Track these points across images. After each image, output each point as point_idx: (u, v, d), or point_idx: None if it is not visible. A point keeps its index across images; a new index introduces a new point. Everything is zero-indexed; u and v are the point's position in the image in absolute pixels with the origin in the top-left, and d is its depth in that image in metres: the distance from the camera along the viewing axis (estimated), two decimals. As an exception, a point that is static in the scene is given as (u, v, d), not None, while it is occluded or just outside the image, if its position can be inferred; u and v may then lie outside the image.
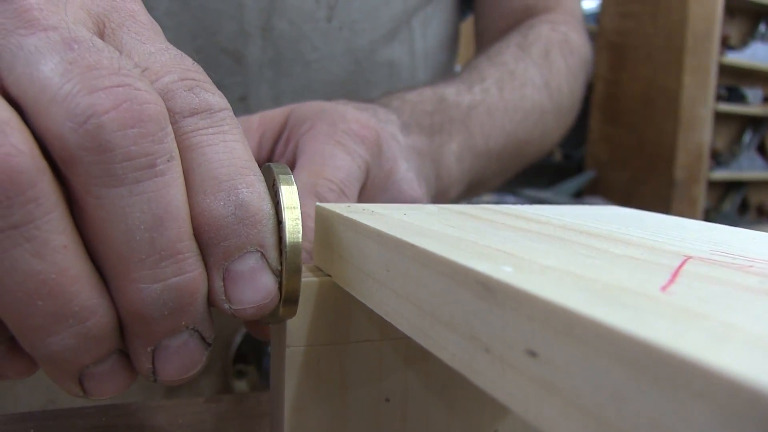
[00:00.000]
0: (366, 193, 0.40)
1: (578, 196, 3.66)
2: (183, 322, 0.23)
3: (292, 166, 0.38)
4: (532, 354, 0.14)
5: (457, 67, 0.81)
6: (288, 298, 0.24)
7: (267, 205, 0.24)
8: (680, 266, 0.19)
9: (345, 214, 0.26)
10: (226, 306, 0.24)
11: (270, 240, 0.24)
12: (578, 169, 4.12)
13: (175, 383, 0.24)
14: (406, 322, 0.21)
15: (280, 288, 0.24)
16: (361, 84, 0.64)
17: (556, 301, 0.14)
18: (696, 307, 0.14)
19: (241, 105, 0.60)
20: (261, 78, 0.60)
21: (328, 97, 0.62)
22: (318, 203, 0.29)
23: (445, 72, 0.74)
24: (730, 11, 2.83)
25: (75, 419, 0.33)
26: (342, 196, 0.36)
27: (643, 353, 0.11)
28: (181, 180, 0.22)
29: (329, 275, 0.28)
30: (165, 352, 0.24)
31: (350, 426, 0.28)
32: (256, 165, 0.25)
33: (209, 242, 0.23)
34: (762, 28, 3.07)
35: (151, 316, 0.22)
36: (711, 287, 0.16)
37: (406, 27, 0.66)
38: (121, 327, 0.23)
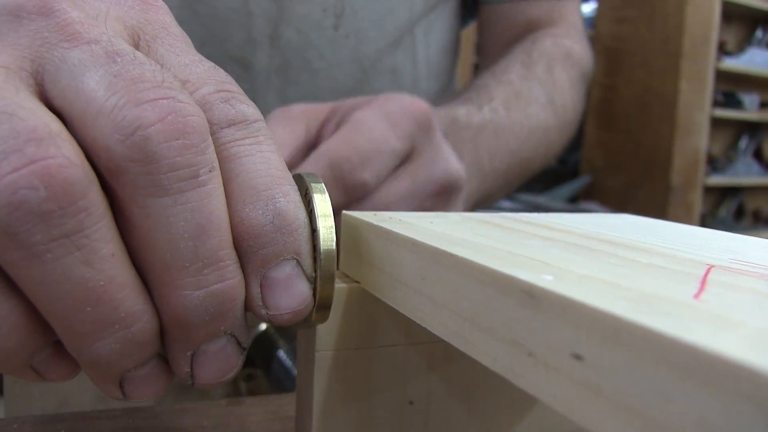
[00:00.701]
0: (412, 166, 0.42)
1: (574, 201, 3.67)
2: (222, 328, 0.24)
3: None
4: (578, 358, 0.15)
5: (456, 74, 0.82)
6: (321, 304, 0.25)
7: (302, 214, 0.25)
8: (706, 275, 0.20)
9: (375, 223, 0.27)
10: (263, 312, 0.24)
11: (305, 248, 0.25)
12: (574, 174, 4.13)
13: (211, 387, 0.25)
14: (444, 328, 0.21)
15: (314, 294, 0.25)
16: (366, 92, 0.65)
17: (603, 308, 0.15)
18: (730, 314, 0.15)
19: None
20: (268, 85, 0.61)
21: None
22: (345, 212, 0.30)
23: (446, 78, 0.75)
24: (727, 17, 2.84)
25: (103, 421, 0.34)
26: (358, 170, 0.38)
27: (690, 357, 0.12)
28: (221, 190, 0.23)
29: (357, 281, 0.29)
30: (204, 356, 0.24)
31: (376, 428, 0.29)
32: (290, 175, 0.25)
33: (248, 250, 0.24)
34: (759, 33, 3.09)
35: (193, 321, 0.23)
36: (739, 295, 0.17)
37: (408, 35, 0.67)
38: (162, 332, 0.24)
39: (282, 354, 0.54)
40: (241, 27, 0.59)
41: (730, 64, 2.83)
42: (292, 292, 0.24)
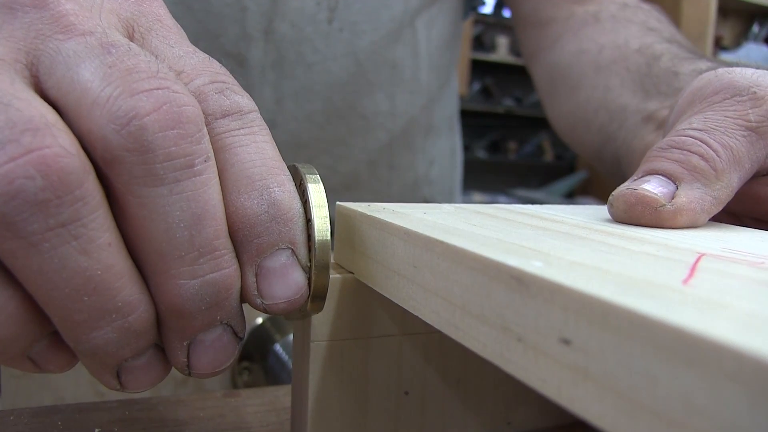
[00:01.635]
0: None
1: (570, 197, 3.68)
2: (218, 317, 0.24)
3: None
4: (566, 342, 0.15)
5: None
6: (316, 294, 0.25)
7: (297, 204, 0.25)
8: (696, 262, 0.20)
9: (368, 213, 0.27)
10: (259, 301, 0.24)
11: (300, 237, 0.25)
12: (570, 169, 4.13)
13: (208, 377, 0.25)
14: (435, 315, 0.22)
15: (309, 284, 0.25)
16: (363, 85, 0.65)
17: (591, 292, 0.15)
18: (718, 298, 0.15)
19: None
20: (263, 80, 0.61)
21: (330, 98, 0.64)
22: (339, 202, 0.30)
23: (446, 74, 0.75)
24: (724, 12, 2.85)
25: (100, 412, 0.34)
26: None
27: (676, 338, 0.13)
28: (216, 179, 0.23)
29: (351, 272, 0.29)
30: (200, 346, 0.25)
31: (371, 417, 0.30)
32: (285, 165, 0.26)
33: (243, 239, 0.24)
34: (755, 28, 3.09)
35: (189, 311, 0.23)
36: (728, 281, 0.17)
37: (409, 28, 0.67)
38: (158, 322, 0.24)
39: (278, 347, 0.54)
40: (235, 22, 0.59)
41: (727, 58, 2.84)
42: (287, 282, 0.24)
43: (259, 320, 0.55)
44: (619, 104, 0.55)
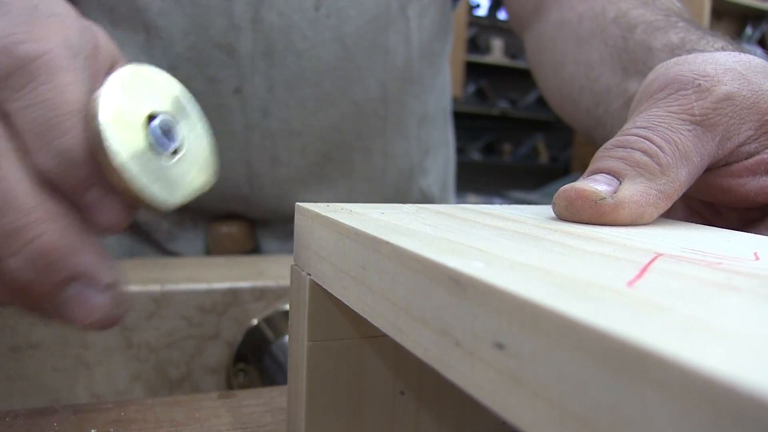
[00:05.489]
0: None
1: (566, 198, 3.67)
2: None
3: None
4: (500, 346, 0.15)
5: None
6: None
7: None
8: (650, 263, 0.19)
9: (323, 214, 0.26)
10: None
11: None
12: (565, 171, 4.14)
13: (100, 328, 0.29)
14: (381, 318, 0.21)
15: None
16: (352, 70, 0.65)
17: (523, 294, 0.14)
18: (660, 300, 0.14)
19: (236, 97, 0.62)
20: (254, 69, 0.62)
21: (320, 84, 0.64)
22: (298, 203, 0.29)
23: (438, 63, 0.75)
24: (717, 14, 2.84)
25: (95, 413, 0.34)
26: None
27: (602, 344, 0.12)
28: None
29: (309, 273, 0.28)
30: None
31: (366, 417, 0.29)
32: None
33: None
34: (749, 30, 3.09)
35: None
36: (677, 282, 0.17)
37: (401, 16, 0.67)
38: None
39: (273, 349, 0.53)
40: (222, 13, 0.59)
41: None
42: None
43: (255, 321, 0.55)
44: (602, 85, 0.53)
